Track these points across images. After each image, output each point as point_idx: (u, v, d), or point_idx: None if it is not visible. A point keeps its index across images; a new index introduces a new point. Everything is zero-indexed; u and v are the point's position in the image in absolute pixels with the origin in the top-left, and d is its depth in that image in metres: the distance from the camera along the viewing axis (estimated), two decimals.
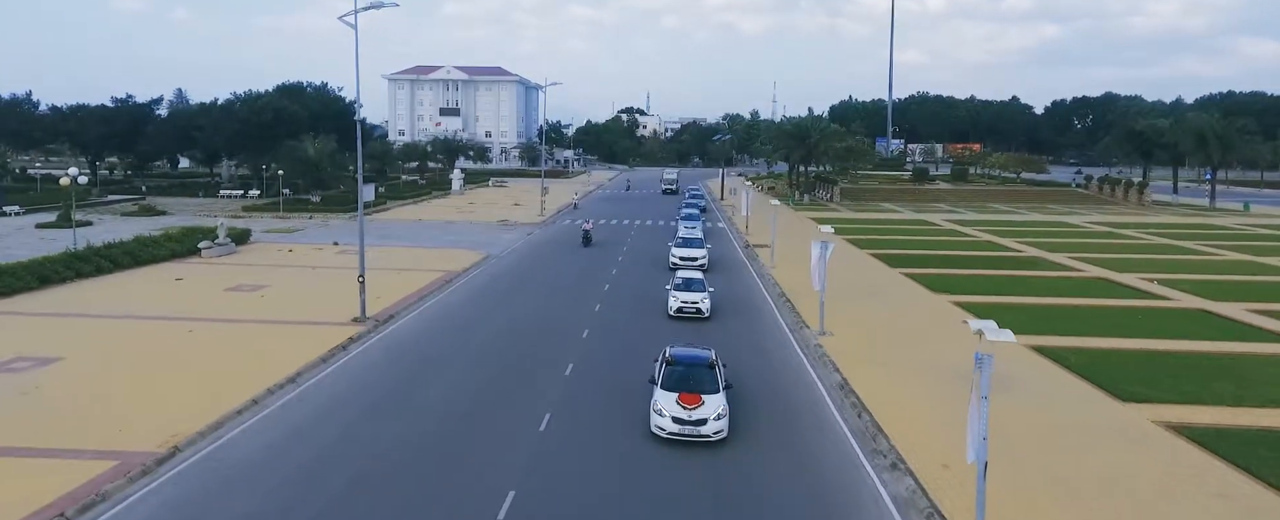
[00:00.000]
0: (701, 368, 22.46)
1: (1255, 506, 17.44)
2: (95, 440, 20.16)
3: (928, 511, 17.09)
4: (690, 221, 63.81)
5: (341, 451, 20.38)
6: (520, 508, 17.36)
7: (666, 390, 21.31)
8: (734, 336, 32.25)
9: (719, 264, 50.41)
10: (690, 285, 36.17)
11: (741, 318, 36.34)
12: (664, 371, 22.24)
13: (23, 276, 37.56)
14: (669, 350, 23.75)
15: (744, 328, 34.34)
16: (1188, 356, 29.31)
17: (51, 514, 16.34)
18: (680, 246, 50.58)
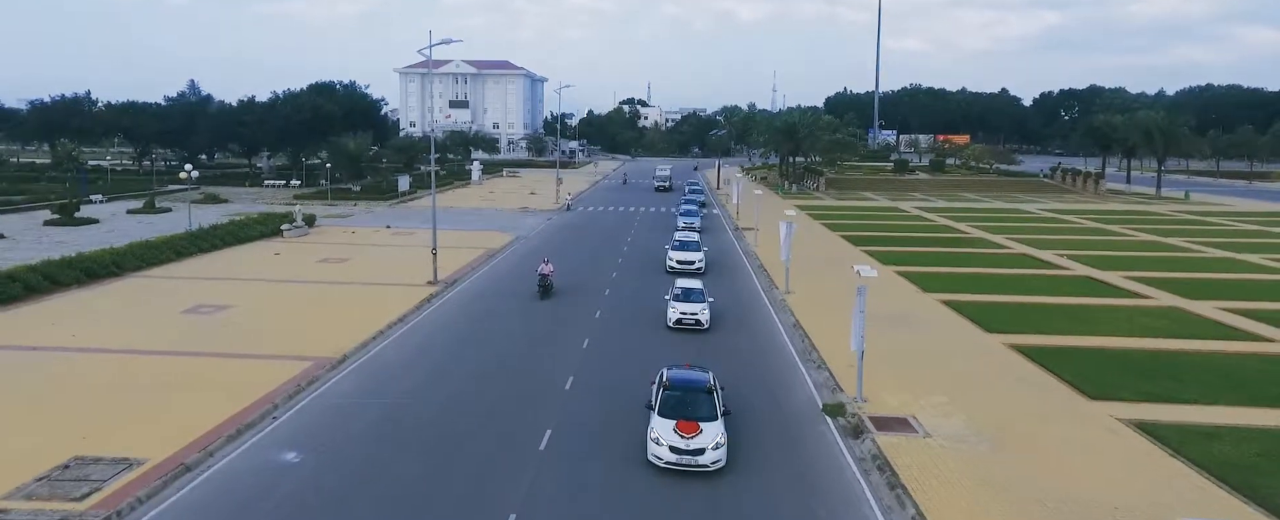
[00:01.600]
0: (699, 392, 22.20)
1: (1044, 385, 27.63)
2: (289, 351, 30.39)
3: (831, 384, 27.44)
4: (689, 218, 66.61)
5: (450, 359, 30.68)
6: (577, 389, 27.62)
7: (664, 417, 21.06)
8: (722, 295, 42.45)
9: (711, 243, 60.46)
10: (689, 296, 36.01)
11: (728, 282, 46.57)
12: (661, 397, 21.93)
13: (164, 251, 47.92)
14: (666, 373, 23.50)
15: (729, 289, 44.54)
16: (1058, 308, 39.53)
17: (290, 388, 26.61)
18: (676, 250, 50.07)
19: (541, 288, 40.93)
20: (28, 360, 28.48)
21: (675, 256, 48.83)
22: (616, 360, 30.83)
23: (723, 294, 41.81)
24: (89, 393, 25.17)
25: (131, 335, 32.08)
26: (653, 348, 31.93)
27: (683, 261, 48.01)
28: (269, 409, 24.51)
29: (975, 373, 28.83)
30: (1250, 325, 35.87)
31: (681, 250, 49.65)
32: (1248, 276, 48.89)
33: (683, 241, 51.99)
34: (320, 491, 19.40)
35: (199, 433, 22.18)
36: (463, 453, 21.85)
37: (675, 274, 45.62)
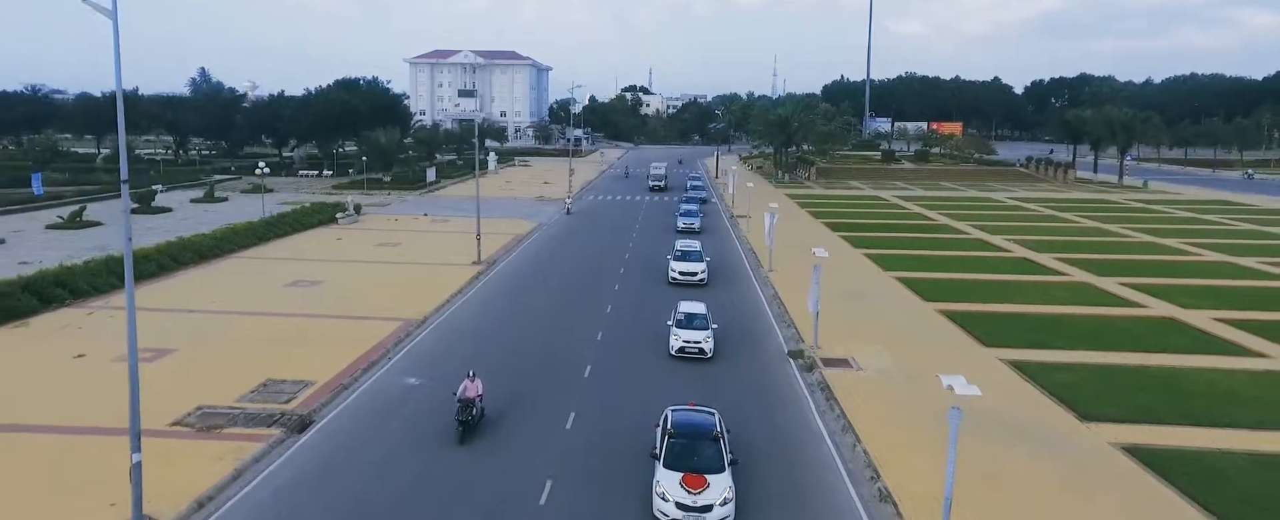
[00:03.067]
0: (705, 440, 21.59)
1: (955, 338, 36.78)
2: (381, 314, 39.55)
3: (796, 338, 36.71)
4: (690, 218, 68.77)
5: (506, 321, 39.91)
6: (607, 335, 36.81)
7: (669, 469, 20.51)
8: (717, 272, 51.60)
9: (709, 229, 69.55)
10: (692, 321, 34.61)
11: (722, 262, 55.71)
12: (666, 445, 21.35)
13: (249, 236, 57.14)
14: (671, 416, 23.01)
15: (722, 267, 53.72)
16: (989, 283, 48.69)
17: (393, 339, 35.80)
18: (679, 260, 48.86)
19: (461, 423, 24.80)
20: (195, 319, 37.72)
21: (677, 268, 48.01)
22: (633, 318, 40.15)
23: (717, 271, 50.98)
24: (250, 341, 34.40)
25: (254, 302, 41.35)
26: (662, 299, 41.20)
27: (685, 273, 47.51)
28: (384, 353, 33.79)
29: (905, 329, 38.06)
30: (1137, 296, 45.11)
31: (684, 261, 48.63)
32: (1157, 258, 58.11)
33: (685, 252, 50.25)
34: (434, 403, 28.60)
35: (341, 366, 31.45)
36: (527, 377, 31.08)
37: (677, 285, 46.37)
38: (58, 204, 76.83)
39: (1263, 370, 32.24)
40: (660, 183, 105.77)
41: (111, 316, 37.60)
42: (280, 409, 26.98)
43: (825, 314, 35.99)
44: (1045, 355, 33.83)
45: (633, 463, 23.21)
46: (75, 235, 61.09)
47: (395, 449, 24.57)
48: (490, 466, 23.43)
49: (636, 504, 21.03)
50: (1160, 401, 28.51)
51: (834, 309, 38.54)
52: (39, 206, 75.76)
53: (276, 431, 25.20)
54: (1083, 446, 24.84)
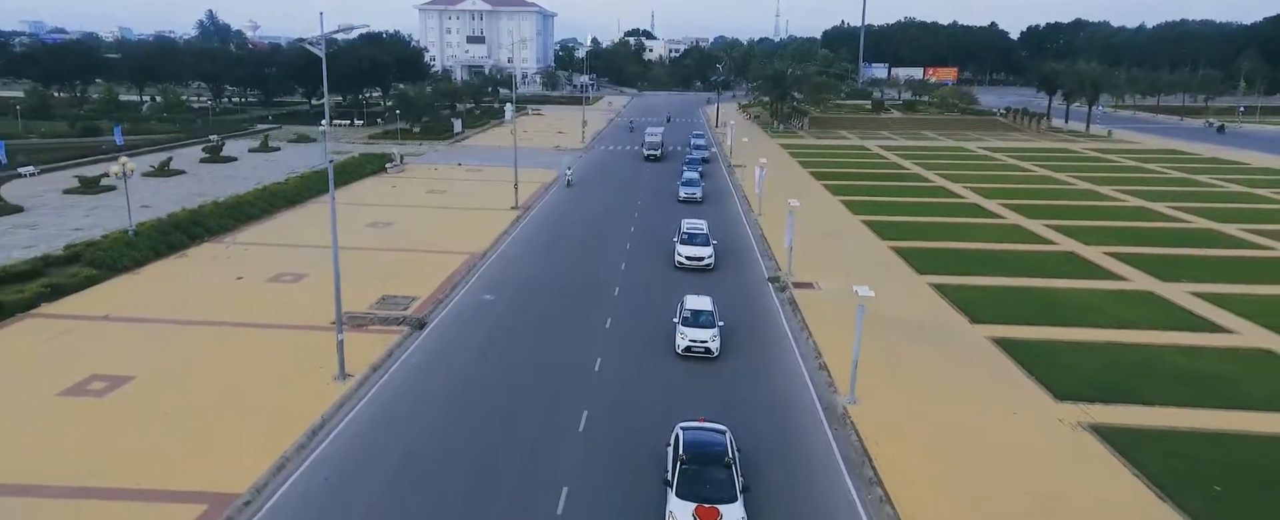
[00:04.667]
0: (717, 466, 21.80)
1: (898, 267, 47.52)
2: (449, 249, 50.29)
3: (774, 267, 47.58)
4: (691, 188, 69.15)
5: (547, 252, 50.69)
6: (629, 259, 47.63)
7: (682, 499, 20.77)
8: (713, 217, 62.11)
9: (708, 177, 79.67)
10: (699, 319, 34.35)
11: (719, 208, 66.24)
12: (679, 473, 21.54)
13: (319, 184, 67.46)
14: (682, 437, 23.18)
15: (718, 212, 64.27)
16: (939, 225, 59.16)
17: (465, 267, 46.62)
18: (686, 244, 48.12)
19: None
20: (308, 253, 48.33)
21: (684, 252, 47.34)
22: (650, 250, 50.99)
23: (714, 216, 61.54)
24: (356, 269, 44.93)
25: (346, 240, 51.55)
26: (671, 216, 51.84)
27: (692, 257, 46.87)
28: (461, 278, 44.66)
29: (860, 261, 48.82)
30: (1054, 235, 55.77)
31: (690, 244, 47.85)
32: (1085, 204, 68.58)
33: (691, 234, 49.17)
34: (506, 314, 39.45)
35: (434, 287, 42.31)
36: (570, 297, 41.83)
37: (684, 270, 46.53)
38: (135, 153, 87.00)
39: (1120, 290, 43.11)
40: (656, 151, 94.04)
41: (245, 250, 48.50)
42: (402, 314, 37.94)
43: (799, 248, 46.74)
44: (963, 280, 44.62)
45: (652, 340, 34.22)
46: (165, 182, 71.42)
47: (485, 341, 35.52)
48: (554, 350, 34.40)
49: (663, 350, 32.06)
50: (1035, 311, 39.34)
51: (807, 245, 49.25)
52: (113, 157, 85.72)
53: (404, 329, 36.20)
54: (965, 339, 35.76)
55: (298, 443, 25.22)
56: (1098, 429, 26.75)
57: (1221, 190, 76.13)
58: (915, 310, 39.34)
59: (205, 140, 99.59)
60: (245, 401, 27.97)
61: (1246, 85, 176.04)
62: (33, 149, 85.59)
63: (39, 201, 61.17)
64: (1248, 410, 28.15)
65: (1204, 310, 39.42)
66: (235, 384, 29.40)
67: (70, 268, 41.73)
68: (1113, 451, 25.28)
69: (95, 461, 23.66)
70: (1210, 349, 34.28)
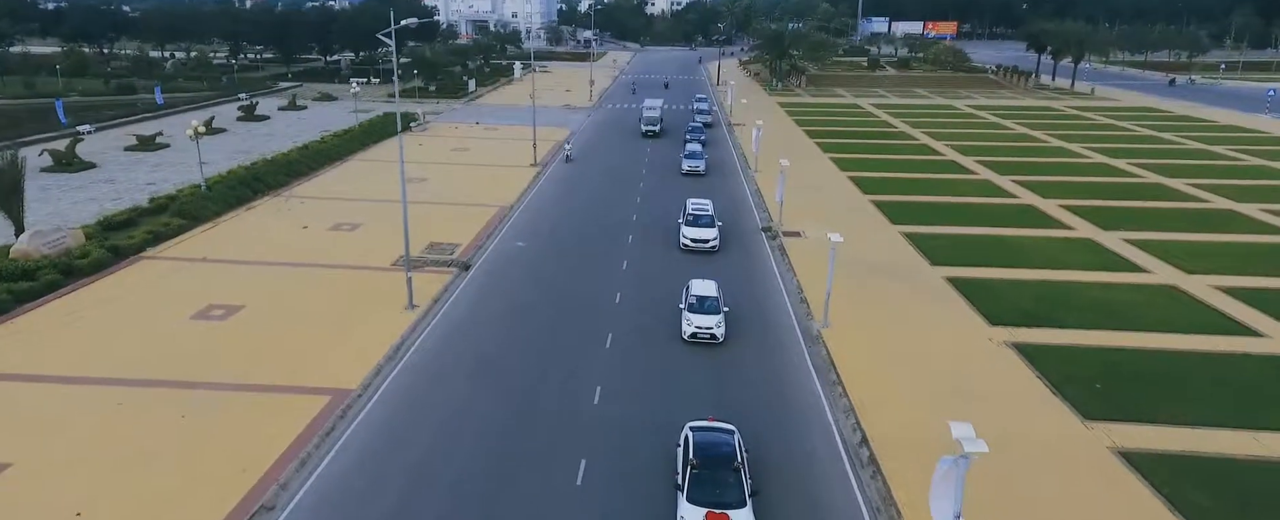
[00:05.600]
0: (727, 470, 22.39)
1: (876, 218, 54.32)
2: (481, 201, 57.03)
3: (767, 218, 54.39)
4: (694, 160, 68.87)
5: (566, 202, 57.41)
6: (641, 214, 54.44)
7: (692, 504, 21.43)
8: (714, 174, 68.67)
9: (710, 144, 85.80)
10: (704, 306, 35.04)
11: (720, 166, 72.74)
12: (689, 477, 22.16)
13: (354, 143, 73.95)
14: (692, 439, 23.71)
15: (718, 170, 70.79)
16: (917, 180, 65.69)
17: (499, 217, 53.42)
18: (690, 225, 48.33)
19: None
20: (357, 206, 55.10)
21: (689, 234, 47.54)
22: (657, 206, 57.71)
23: (714, 173, 68.08)
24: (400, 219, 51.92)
25: (387, 194, 58.47)
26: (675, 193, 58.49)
27: (697, 239, 47.14)
28: (495, 227, 51.50)
29: (843, 213, 55.53)
30: (1019, 190, 62.33)
31: (695, 226, 48.17)
32: (1054, 160, 75.03)
33: (696, 215, 49.31)
34: (537, 257, 46.32)
35: (472, 235, 49.15)
36: (591, 242, 48.72)
37: (689, 252, 46.78)
38: (173, 111, 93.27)
39: (1065, 237, 49.90)
40: (654, 127, 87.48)
41: (301, 203, 55.29)
42: (449, 258, 44.87)
43: (789, 202, 53.42)
44: (930, 229, 51.39)
45: (659, 279, 41.23)
46: (211, 140, 77.57)
47: (521, 280, 42.43)
48: (582, 279, 41.34)
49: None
50: (987, 255, 46.13)
51: (796, 198, 55.87)
52: (157, 116, 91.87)
53: (453, 270, 43.15)
54: (924, 278, 42.64)
55: (386, 354, 32.29)
56: (1017, 345, 33.77)
57: (1181, 147, 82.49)
58: (885, 254, 46.23)
59: (235, 99, 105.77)
60: (338, 324, 35.01)
61: (1234, 41, 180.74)
62: (78, 107, 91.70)
63: (106, 159, 67.78)
64: (1137, 331, 35.12)
65: (1130, 254, 46.30)
66: (326, 311, 36.42)
67: (160, 217, 48.54)
68: (1024, 361, 32.33)
69: (237, 366, 30.75)
70: (1124, 285, 41.23)
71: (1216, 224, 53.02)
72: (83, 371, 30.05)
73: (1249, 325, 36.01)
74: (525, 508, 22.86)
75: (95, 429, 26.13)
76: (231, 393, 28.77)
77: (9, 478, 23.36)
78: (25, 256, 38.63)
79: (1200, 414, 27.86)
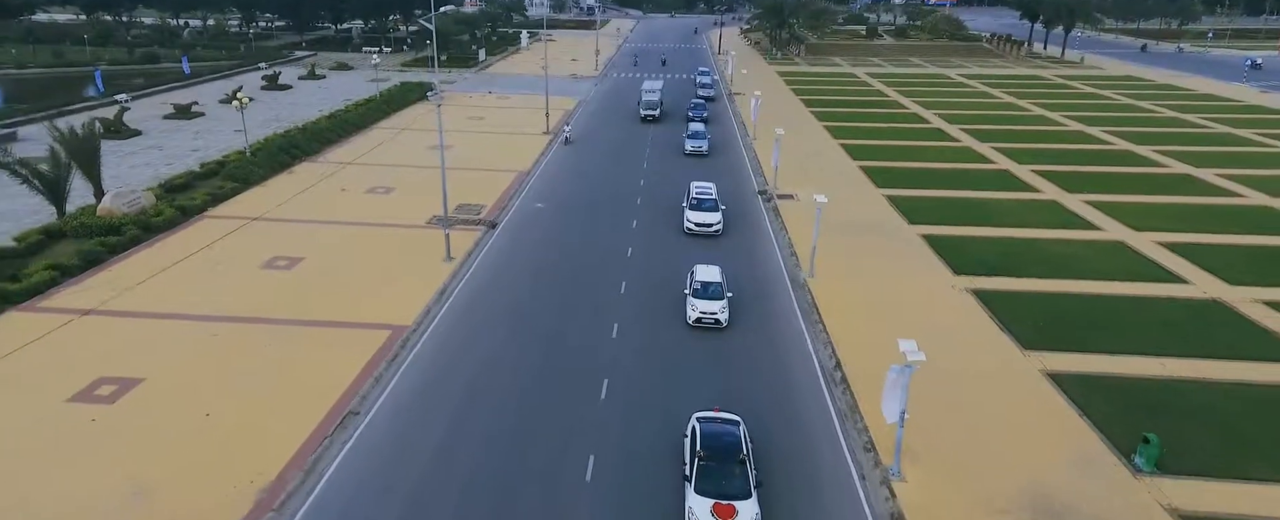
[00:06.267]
0: (733, 462, 23.28)
1: (862, 182, 59.34)
2: (500, 167, 62.04)
3: (763, 183, 59.46)
4: (697, 140, 68.94)
5: (582, 167, 62.46)
6: (650, 165, 59.53)
7: (700, 495, 22.34)
8: (716, 138, 73.44)
9: (712, 120, 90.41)
10: (708, 291, 36.07)
11: (720, 131, 77.56)
12: (697, 469, 23.07)
13: (377, 112, 78.69)
14: (699, 430, 24.67)
15: (719, 135, 75.65)
16: (904, 147, 70.62)
17: (516, 183, 58.50)
18: (694, 209, 48.96)
19: None
20: (388, 170, 60.12)
21: (693, 218, 48.29)
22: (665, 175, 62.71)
23: (715, 137, 72.93)
24: (430, 184, 56.81)
25: (416, 159, 63.71)
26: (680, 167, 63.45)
27: (701, 224, 47.93)
28: (515, 190, 56.60)
29: (833, 178, 60.53)
30: (996, 157, 67.26)
31: (699, 210, 48.88)
32: (1032, 128, 79.80)
33: (700, 199, 49.97)
34: (555, 217, 51.47)
35: (495, 197, 54.29)
36: (602, 205, 53.87)
37: (694, 235, 47.66)
38: (200, 81, 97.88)
39: (1032, 200, 54.98)
40: (654, 111, 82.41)
41: (340, 167, 60.34)
42: (477, 217, 50.05)
43: (784, 167, 58.45)
44: (911, 192, 56.45)
45: (666, 236, 46.41)
46: (188, 124, 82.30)
47: (543, 236, 47.61)
48: (597, 241, 46.54)
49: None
50: (960, 215, 51.24)
51: (790, 164, 60.85)
52: (186, 85, 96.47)
53: (482, 228, 48.35)
54: (902, 235, 47.80)
55: (432, 298, 37.59)
56: (976, 292, 39.05)
57: (1155, 116, 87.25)
58: (869, 215, 51.39)
59: (255, 68, 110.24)
60: (387, 272, 40.28)
61: (1227, 7, 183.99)
62: (108, 76, 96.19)
63: (149, 126, 72.67)
64: (1082, 279, 40.42)
65: (1088, 214, 51.46)
66: (375, 261, 41.69)
67: (213, 180, 53.64)
68: (980, 304, 37.63)
69: (303, 306, 36.05)
70: (1079, 241, 46.46)
71: (1171, 187, 58.11)
72: (178, 310, 35.40)
73: (1178, 274, 41.33)
74: (559, 417, 28.26)
75: (200, 354, 31.52)
76: (306, 328, 34.15)
77: (145, 388, 28.80)
78: (110, 215, 43.81)
79: (1120, 345, 33.24)
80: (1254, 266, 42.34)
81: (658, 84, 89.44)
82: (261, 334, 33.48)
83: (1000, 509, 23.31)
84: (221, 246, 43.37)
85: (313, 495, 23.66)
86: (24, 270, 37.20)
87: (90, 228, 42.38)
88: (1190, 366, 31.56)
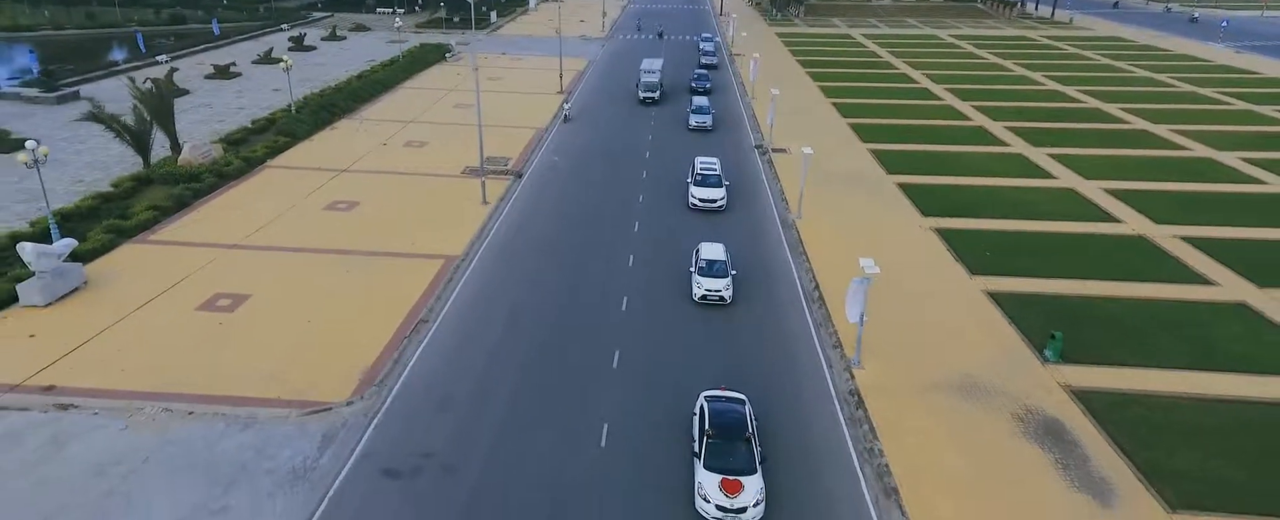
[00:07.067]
0: (739, 440, 25.01)
1: (851, 137, 65.59)
2: (520, 124, 68.25)
3: (760, 138, 65.75)
4: (701, 115, 68.54)
5: (596, 123, 68.65)
6: (657, 122, 65.80)
7: (709, 471, 23.99)
8: (717, 97, 79.35)
9: (715, 80, 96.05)
10: (713, 269, 37.62)
11: (721, 92, 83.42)
12: (706, 447, 24.76)
13: (401, 73, 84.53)
14: (707, 409, 26.41)
15: (720, 94, 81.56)
16: (891, 105, 76.60)
17: (535, 139, 64.78)
18: (698, 185, 49.93)
19: None
20: (420, 127, 66.28)
21: (697, 194, 49.33)
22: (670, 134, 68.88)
23: (718, 96, 78.91)
24: (459, 138, 63.13)
25: (442, 118, 69.87)
26: None
27: (705, 199, 48.93)
28: (535, 144, 62.90)
29: (822, 133, 66.72)
30: (974, 114, 73.32)
31: (703, 186, 49.85)
32: (1010, 87, 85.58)
33: (704, 175, 50.95)
34: (573, 169, 57.81)
35: (519, 150, 60.63)
36: (615, 155, 60.16)
37: (698, 211, 49.08)
38: (229, 42, 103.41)
39: (1001, 153, 61.22)
40: (653, 93, 77.77)
41: (377, 124, 66.59)
42: (505, 168, 56.46)
43: (779, 124, 64.67)
44: (892, 146, 62.69)
45: (670, 195, 52.83)
46: (271, 69, 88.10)
47: (565, 185, 54.02)
48: (611, 190, 52.97)
49: (679, 197, 50.73)
50: (934, 167, 57.53)
51: (784, 120, 67.01)
52: (216, 45, 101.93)
53: (510, 177, 54.80)
54: (880, 184, 54.19)
55: (475, 234, 44.19)
56: (938, 230, 45.56)
57: (1129, 75, 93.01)
58: (853, 166, 57.73)
59: (277, 28, 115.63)
60: (434, 213, 46.84)
61: None
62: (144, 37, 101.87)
63: (194, 86, 78.69)
64: (1033, 220, 46.93)
65: (1050, 166, 57.79)
66: (422, 204, 48.23)
67: (266, 135, 59.94)
68: (940, 240, 44.17)
69: (367, 240, 42.65)
70: (1035, 188, 52.89)
71: (1127, 141, 64.33)
72: (262, 243, 42.06)
73: (1114, 215, 47.87)
74: (588, 326, 34.97)
75: (288, 278, 38.22)
76: (372, 257, 40.80)
77: (254, 302, 35.57)
78: (189, 164, 50.28)
79: (1051, 271, 39.89)
80: (1181, 209, 48.85)
81: (657, 63, 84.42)
82: (335, 262, 40.14)
83: (934, 385, 30.14)
84: (286, 192, 49.85)
85: (402, 377, 30.50)
86: (130, 210, 43.79)
87: (174, 175, 48.87)
88: (1105, 287, 38.24)
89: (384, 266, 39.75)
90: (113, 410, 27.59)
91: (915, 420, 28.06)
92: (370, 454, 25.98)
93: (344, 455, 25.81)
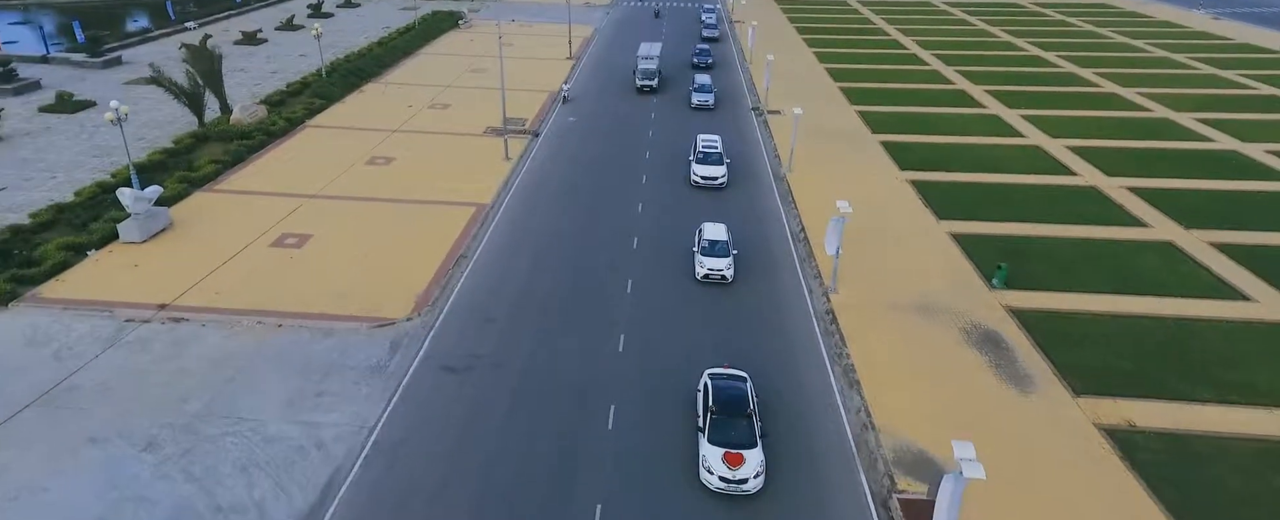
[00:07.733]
0: (741, 416, 26.70)
1: (842, 101, 70.79)
2: (533, 87, 73.38)
3: (756, 101, 71.02)
4: (703, 94, 69.46)
5: (607, 84, 73.81)
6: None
7: (713, 445, 25.79)
8: (718, 69, 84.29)
9: (717, 55, 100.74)
10: (715, 249, 39.01)
11: (722, 59, 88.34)
12: (710, 423, 26.49)
13: (418, 40, 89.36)
14: (710, 386, 28.11)
15: (722, 68, 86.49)
16: (883, 70, 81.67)
17: (550, 102, 70.01)
18: (700, 163, 51.39)
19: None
20: (440, 90, 71.50)
21: (699, 171, 50.84)
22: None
23: (719, 67, 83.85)
24: (478, 100, 68.33)
25: (460, 81, 75.01)
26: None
27: (706, 177, 50.58)
28: (550, 106, 68.17)
29: (814, 96, 71.93)
30: (956, 78, 78.41)
31: (705, 164, 51.29)
32: (995, 53, 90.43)
33: (706, 153, 52.31)
34: (586, 129, 63.16)
35: (535, 111, 65.95)
36: (622, 116, 65.50)
37: (699, 188, 50.55)
38: (248, 9, 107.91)
39: (978, 114, 66.51)
40: (651, 80, 74.36)
41: (399, 88, 71.78)
42: (523, 128, 61.81)
43: (774, 88, 69.87)
44: (880, 109, 67.94)
45: (673, 166, 58.25)
46: (295, 35, 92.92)
47: (578, 147, 59.38)
48: (621, 148, 58.37)
49: (680, 167, 56.21)
50: (914, 126, 62.84)
51: (779, 85, 72.16)
52: (239, 11, 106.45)
53: (528, 135, 60.19)
54: (864, 141, 59.60)
55: (501, 185, 49.75)
56: (913, 182, 51.09)
57: (1107, 41, 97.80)
58: (841, 125, 63.09)
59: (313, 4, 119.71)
60: (462, 166, 52.36)
61: None
62: (160, 5, 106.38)
63: (224, 51, 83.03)
64: (999, 173, 52.41)
65: (1019, 125, 63.16)
66: (451, 159, 53.73)
67: (302, 97, 65.21)
68: (914, 191, 49.70)
69: (406, 190, 48.22)
70: (1004, 145, 58.30)
71: (1094, 103, 69.59)
72: (314, 192, 47.65)
73: (1071, 168, 53.40)
74: (604, 261, 40.67)
75: (343, 221, 43.86)
76: (413, 205, 46.42)
77: (316, 240, 41.30)
78: (240, 124, 55.74)
79: (1008, 215, 45.51)
80: (1133, 163, 54.36)
81: (655, 47, 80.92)
82: (381, 209, 45.79)
83: (896, 306, 35.93)
84: (328, 149, 55.32)
85: (450, 299, 36.30)
86: (194, 163, 49.34)
87: (228, 133, 54.34)
88: (1053, 229, 43.91)
89: (423, 212, 45.38)
90: (217, 323, 33.46)
91: (878, 331, 33.91)
92: (431, 356, 31.88)
93: (410, 357, 31.70)
